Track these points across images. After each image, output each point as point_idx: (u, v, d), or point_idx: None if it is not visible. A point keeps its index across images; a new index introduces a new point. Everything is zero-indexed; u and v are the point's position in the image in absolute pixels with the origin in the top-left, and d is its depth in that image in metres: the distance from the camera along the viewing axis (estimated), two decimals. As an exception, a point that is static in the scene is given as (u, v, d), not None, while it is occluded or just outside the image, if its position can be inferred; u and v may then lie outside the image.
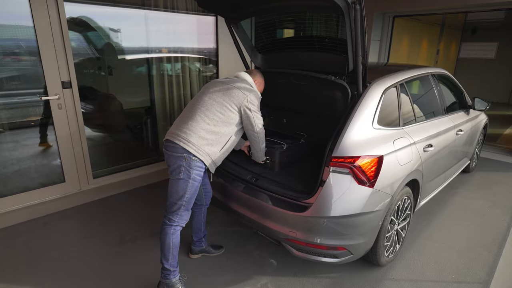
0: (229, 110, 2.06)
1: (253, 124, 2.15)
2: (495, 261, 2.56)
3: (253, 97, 2.12)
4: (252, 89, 2.18)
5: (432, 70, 3.15)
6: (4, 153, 2.96)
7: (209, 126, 2.01)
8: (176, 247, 2.10)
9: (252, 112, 2.10)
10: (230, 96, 2.08)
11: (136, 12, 3.65)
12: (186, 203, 2.04)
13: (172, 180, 2.02)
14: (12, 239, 2.75)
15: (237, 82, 2.19)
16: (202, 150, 1.98)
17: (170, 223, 2.06)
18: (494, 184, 4.01)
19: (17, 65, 2.91)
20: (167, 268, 2.09)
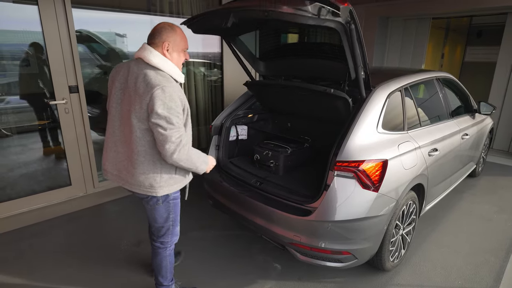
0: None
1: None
2: (502, 267, 2.52)
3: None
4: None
5: (436, 74, 3.14)
6: (11, 157, 3.00)
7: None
8: (172, 262, 2.02)
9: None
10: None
11: (141, 17, 3.70)
12: (173, 222, 1.89)
13: (148, 208, 1.82)
14: (18, 242, 2.78)
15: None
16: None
17: (164, 245, 1.93)
18: (500, 188, 3.96)
19: (25, 69, 2.96)
20: (167, 285, 2.02)
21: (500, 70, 5.16)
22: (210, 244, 2.78)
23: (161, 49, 1.59)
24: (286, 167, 2.70)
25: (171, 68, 1.59)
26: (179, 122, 1.54)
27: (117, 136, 1.68)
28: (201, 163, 1.72)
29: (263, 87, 2.92)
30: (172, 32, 1.60)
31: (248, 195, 2.35)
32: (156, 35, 1.59)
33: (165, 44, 1.59)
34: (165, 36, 1.59)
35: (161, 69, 1.57)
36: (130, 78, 1.58)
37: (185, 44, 1.67)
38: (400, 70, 3.19)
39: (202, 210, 3.32)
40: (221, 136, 2.79)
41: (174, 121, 1.51)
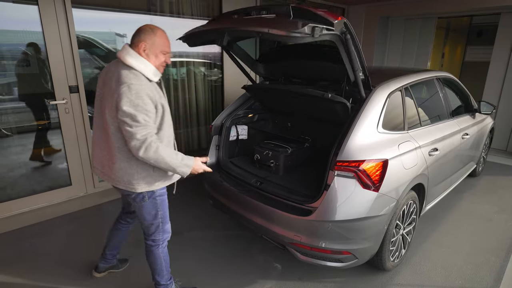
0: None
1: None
2: (503, 267, 2.52)
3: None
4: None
5: (437, 73, 3.14)
6: (12, 157, 3.00)
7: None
8: (168, 260, 2.01)
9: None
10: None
11: (142, 17, 3.70)
12: (162, 218, 1.88)
13: (136, 206, 1.83)
14: (18, 241, 2.78)
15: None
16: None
17: (156, 243, 1.92)
18: (501, 188, 3.96)
19: (25, 70, 2.96)
20: (165, 284, 2.01)
21: (494, 70, 5.20)
22: (210, 244, 2.78)
23: (138, 49, 1.62)
24: (286, 167, 2.70)
25: (143, 67, 1.61)
26: (147, 120, 1.54)
27: (100, 132, 1.73)
28: (180, 166, 1.67)
29: (261, 91, 2.93)
30: (151, 34, 1.63)
31: (248, 195, 2.35)
32: (136, 36, 1.64)
33: (142, 45, 1.62)
34: (143, 37, 1.62)
35: (134, 68, 1.59)
36: (108, 77, 1.63)
37: (164, 47, 1.69)
38: (400, 70, 3.19)
39: (202, 210, 3.33)
40: (221, 136, 2.80)
41: (139, 118, 1.51)
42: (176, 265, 2.48)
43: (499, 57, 5.10)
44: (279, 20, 1.80)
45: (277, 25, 1.70)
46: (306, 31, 1.62)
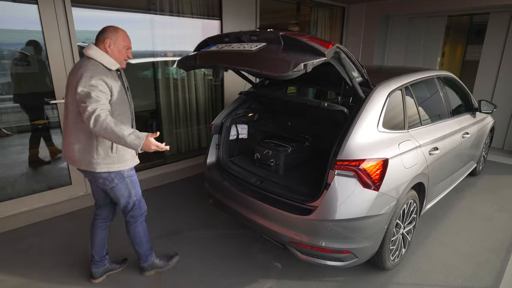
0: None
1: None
2: (503, 266, 2.52)
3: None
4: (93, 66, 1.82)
5: (437, 72, 3.13)
6: (12, 156, 3.00)
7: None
8: (146, 233, 2.23)
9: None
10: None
11: (142, 16, 3.70)
12: (136, 196, 2.09)
13: (109, 191, 2.01)
14: (18, 241, 2.78)
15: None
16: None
17: (135, 219, 2.13)
18: (501, 187, 3.96)
19: (25, 69, 2.96)
20: (145, 254, 2.24)
21: (484, 69, 5.28)
22: (211, 243, 2.78)
23: (103, 45, 1.87)
24: (287, 166, 2.69)
25: (102, 58, 1.85)
26: (99, 96, 1.74)
27: (66, 121, 1.94)
28: (130, 137, 1.70)
29: (258, 98, 2.94)
30: (114, 32, 1.89)
31: (248, 194, 2.35)
32: (100, 35, 1.89)
33: (107, 41, 1.86)
34: (107, 34, 1.87)
35: (94, 59, 1.83)
36: (73, 70, 1.87)
37: (126, 43, 1.94)
38: (401, 68, 3.19)
39: (203, 209, 3.33)
40: (222, 135, 2.79)
41: (92, 94, 1.71)
42: (176, 264, 2.49)
43: (489, 55, 5.17)
44: (271, 56, 1.82)
45: (270, 67, 1.76)
46: (298, 69, 1.65)
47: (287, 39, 1.83)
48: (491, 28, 5.12)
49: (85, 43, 3.20)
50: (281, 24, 6.63)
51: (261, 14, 4.63)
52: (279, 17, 6.59)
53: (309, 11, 5.85)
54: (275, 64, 1.74)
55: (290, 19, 6.36)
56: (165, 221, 3.10)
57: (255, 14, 4.55)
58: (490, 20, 5.10)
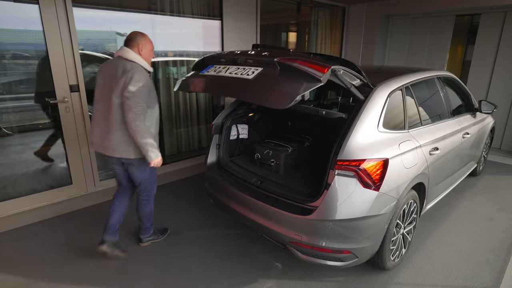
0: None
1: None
2: (503, 266, 2.52)
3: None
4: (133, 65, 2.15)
5: (437, 73, 3.13)
6: (12, 156, 3.00)
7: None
8: (153, 211, 2.65)
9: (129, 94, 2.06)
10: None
11: (142, 16, 3.70)
12: (153, 177, 2.55)
13: (133, 171, 2.38)
14: (19, 241, 2.78)
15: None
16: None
17: (149, 197, 2.56)
18: (502, 187, 3.96)
19: (26, 68, 2.96)
20: (148, 228, 2.68)
21: (476, 69, 5.34)
22: (211, 243, 2.78)
23: (136, 49, 2.21)
24: (287, 166, 2.70)
25: (141, 61, 2.20)
26: (142, 98, 2.09)
27: (102, 113, 2.21)
28: (150, 147, 2.17)
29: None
30: (143, 37, 2.24)
31: (248, 194, 2.35)
32: (131, 39, 2.21)
33: (140, 45, 2.21)
34: (139, 39, 2.21)
35: (135, 62, 2.17)
36: (112, 70, 2.15)
37: (151, 46, 2.31)
38: (401, 69, 3.19)
39: (203, 209, 3.33)
40: (222, 135, 2.80)
41: (136, 90, 2.05)
42: (176, 264, 2.49)
43: (481, 56, 5.25)
44: (268, 87, 1.87)
45: (269, 101, 1.83)
46: (296, 100, 1.71)
47: (283, 65, 1.87)
48: (482, 29, 5.20)
49: (84, 50, 3.22)
50: (281, 25, 6.64)
51: (262, 14, 4.63)
52: (280, 17, 6.59)
53: (309, 11, 5.85)
54: (274, 98, 1.80)
55: (290, 19, 6.37)
56: (165, 221, 3.10)
57: (256, 14, 4.55)
58: (482, 21, 5.17)
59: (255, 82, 1.93)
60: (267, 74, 1.94)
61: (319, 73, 1.76)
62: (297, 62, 1.82)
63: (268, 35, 6.75)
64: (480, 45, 5.25)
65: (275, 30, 6.82)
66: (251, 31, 4.58)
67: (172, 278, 2.35)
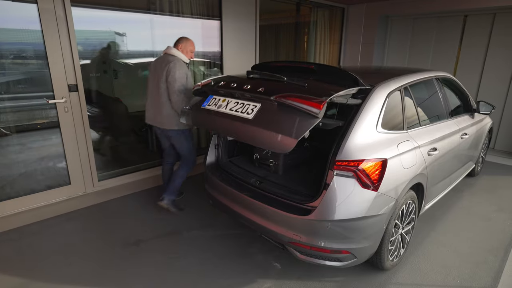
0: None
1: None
2: (501, 266, 2.53)
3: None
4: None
5: (436, 73, 3.14)
6: (10, 156, 2.99)
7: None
8: (182, 181, 3.19)
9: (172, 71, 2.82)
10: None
11: (141, 16, 3.70)
12: (192, 148, 3.17)
13: (175, 141, 3.08)
14: (17, 241, 2.78)
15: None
16: None
17: (187, 165, 3.14)
18: (499, 188, 3.97)
19: (25, 68, 2.96)
20: (173, 192, 3.16)
21: (463, 70, 5.43)
22: (210, 243, 2.78)
23: (178, 47, 2.98)
24: (286, 166, 2.70)
25: (180, 55, 2.95)
26: (182, 83, 2.84)
27: (153, 96, 2.96)
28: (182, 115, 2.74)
29: None
30: (185, 40, 3.01)
31: (247, 194, 2.35)
32: (177, 42, 3.01)
33: (180, 46, 2.99)
34: (181, 41, 3.00)
35: (176, 56, 2.93)
36: (159, 62, 2.94)
37: (191, 48, 3.04)
38: (400, 69, 3.19)
39: (202, 209, 3.33)
40: (221, 135, 2.80)
41: (177, 76, 2.80)
42: (176, 264, 2.49)
43: (468, 56, 5.34)
44: (269, 128, 1.93)
45: (271, 146, 1.93)
46: (296, 142, 1.81)
47: (280, 103, 1.92)
48: (469, 31, 5.26)
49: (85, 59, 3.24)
50: (281, 25, 6.64)
51: (261, 14, 4.64)
52: (279, 17, 6.60)
53: (308, 12, 5.86)
54: (275, 143, 1.88)
55: (289, 19, 6.38)
56: (164, 221, 3.10)
57: (255, 15, 4.55)
58: (468, 23, 5.23)
59: (255, 122, 2.00)
60: (266, 110, 2.00)
61: (315, 109, 1.79)
62: (292, 99, 1.87)
63: (268, 35, 6.76)
64: (467, 46, 5.32)
65: (274, 31, 6.83)
66: (250, 31, 4.58)
67: (172, 279, 2.34)
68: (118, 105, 4.18)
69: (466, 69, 5.40)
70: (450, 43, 5.54)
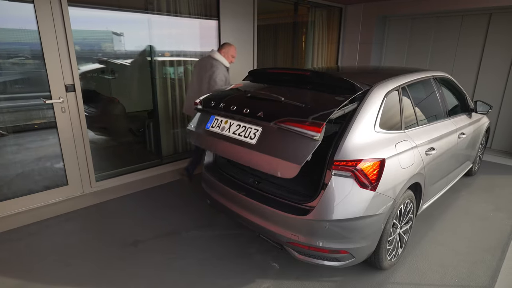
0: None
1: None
2: (498, 265, 2.54)
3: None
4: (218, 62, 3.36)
5: (434, 73, 3.15)
6: (7, 156, 2.98)
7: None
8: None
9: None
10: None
11: (139, 16, 3.69)
12: None
13: None
14: (15, 241, 2.76)
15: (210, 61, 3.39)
16: None
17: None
18: (497, 187, 3.99)
19: (21, 68, 2.94)
20: (194, 165, 3.52)
21: (460, 70, 5.47)
22: (208, 243, 2.78)
23: (221, 52, 3.39)
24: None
25: (222, 60, 3.37)
26: (222, 80, 3.26)
27: (194, 90, 3.40)
28: None
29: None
30: (227, 46, 3.44)
31: (245, 194, 2.35)
32: (220, 47, 3.46)
33: (222, 51, 3.40)
34: (223, 47, 3.43)
35: (218, 60, 3.34)
36: (204, 63, 3.37)
37: (232, 54, 3.47)
38: (397, 69, 3.20)
39: (200, 209, 3.32)
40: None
41: (217, 79, 3.22)
42: (174, 265, 2.48)
43: (464, 55, 5.39)
44: (274, 152, 1.98)
45: (276, 171, 1.96)
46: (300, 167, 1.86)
47: (280, 129, 1.98)
48: (464, 30, 5.29)
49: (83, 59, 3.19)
50: (278, 25, 6.64)
51: (259, 14, 4.64)
52: (277, 17, 6.60)
53: (306, 12, 5.86)
54: (280, 168, 1.93)
55: (287, 19, 6.38)
56: (162, 222, 3.10)
57: (253, 14, 4.55)
58: (463, 23, 5.25)
59: (259, 147, 2.05)
60: (268, 135, 2.05)
61: (314, 133, 1.84)
62: (292, 124, 1.92)
63: (266, 35, 6.75)
64: (463, 46, 5.35)
65: (272, 31, 6.83)
66: (248, 31, 4.58)
67: (170, 279, 2.34)
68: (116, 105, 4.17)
69: (462, 68, 5.42)
70: (448, 43, 5.56)
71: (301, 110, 2.01)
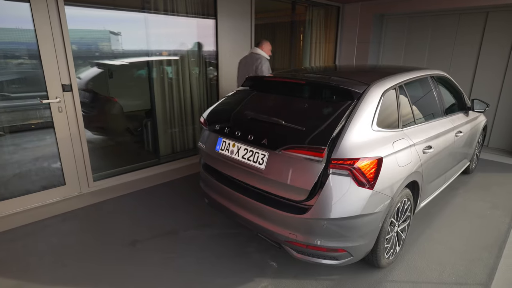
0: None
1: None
2: (496, 263, 2.55)
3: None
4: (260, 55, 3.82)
5: (431, 72, 3.16)
6: (4, 156, 2.96)
7: None
8: None
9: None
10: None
11: (136, 15, 3.67)
12: None
13: None
14: (12, 242, 2.75)
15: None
16: None
17: None
18: (494, 185, 4.01)
19: (18, 68, 2.93)
20: None
21: (457, 68, 5.50)
22: (207, 242, 2.78)
23: (261, 48, 3.85)
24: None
25: (263, 54, 3.83)
26: (267, 68, 3.73)
27: (240, 80, 3.88)
28: None
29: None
30: (265, 42, 3.88)
31: (243, 193, 2.34)
32: (259, 43, 3.89)
33: (262, 46, 3.86)
34: (262, 43, 3.88)
35: (261, 54, 3.80)
36: (248, 59, 3.83)
37: (269, 48, 3.91)
38: (395, 68, 3.20)
39: (198, 209, 3.32)
40: None
41: (264, 68, 3.69)
42: (173, 264, 2.48)
43: (461, 54, 5.43)
44: (283, 177, 2.06)
45: (289, 194, 2.07)
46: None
47: (285, 155, 2.05)
48: (461, 29, 5.31)
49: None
50: (276, 24, 6.63)
51: (256, 13, 4.63)
52: (274, 16, 6.60)
53: (304, 11, 5.86)
54: (291, 193, 2.05)
55: (285, 18, 6.37)
56: (161, 221, 3.09)
57: (250, 14, 4.54)
58: (461, 21, 5.28)
59: (268, 172, 2.13)
60: (275, 159, 2.11)
61: (318, 158, 1.93)
62: (296, 151, 1.99)
63: (263, 34, 6.75)
64: (460, 44, 5.37)
65: (269, 30, 6.83)
66: (246, 30, 4.57)
67: (169, 278, 2.34)
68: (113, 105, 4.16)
69: (459, 66, 5.45)
70: (446, 41, 5.57)
71: (302, 133, 2.06)
